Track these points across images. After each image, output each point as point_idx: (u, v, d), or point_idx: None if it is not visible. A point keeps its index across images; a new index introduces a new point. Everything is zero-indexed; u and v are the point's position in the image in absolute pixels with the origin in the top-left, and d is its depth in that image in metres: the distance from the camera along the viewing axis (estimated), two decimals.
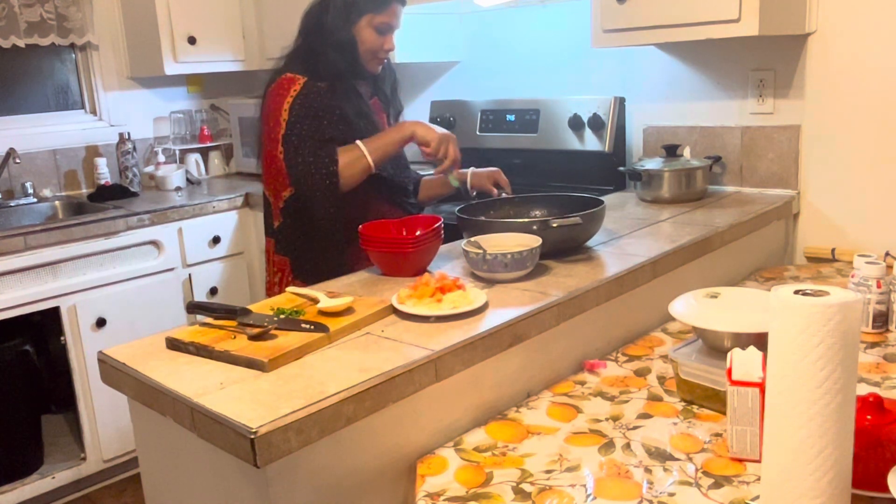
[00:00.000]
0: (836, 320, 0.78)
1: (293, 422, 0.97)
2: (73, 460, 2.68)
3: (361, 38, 1.84)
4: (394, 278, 1.55)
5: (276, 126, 1.78)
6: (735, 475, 1.02)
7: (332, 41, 1.82)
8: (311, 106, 1.77)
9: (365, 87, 1.96)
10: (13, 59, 3.10)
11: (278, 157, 1.78)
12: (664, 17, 1.97)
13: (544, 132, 2.60)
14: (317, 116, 1.77)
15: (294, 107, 1.77)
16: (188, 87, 3.58)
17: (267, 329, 1.20)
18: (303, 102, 1.77)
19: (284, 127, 1.76)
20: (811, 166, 2.15)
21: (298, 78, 1.79)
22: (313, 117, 1.76)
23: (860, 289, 1.50)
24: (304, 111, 1.76)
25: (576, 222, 1.56)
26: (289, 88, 1.78)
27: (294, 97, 1.77)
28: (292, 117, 1.76)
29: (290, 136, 1.76)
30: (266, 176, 1.87)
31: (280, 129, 1.77)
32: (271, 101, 1.80)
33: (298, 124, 1.76)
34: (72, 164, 3.23)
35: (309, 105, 1.77)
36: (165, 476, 1.25)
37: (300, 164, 1.75)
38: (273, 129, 1.78)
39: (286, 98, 1.77)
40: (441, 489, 1.03)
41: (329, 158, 1.74)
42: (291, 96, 1.77)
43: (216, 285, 2.96)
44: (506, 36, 2.84)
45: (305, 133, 1.75)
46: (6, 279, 2.45)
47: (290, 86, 1.79)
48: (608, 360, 1.45)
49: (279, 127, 1.77)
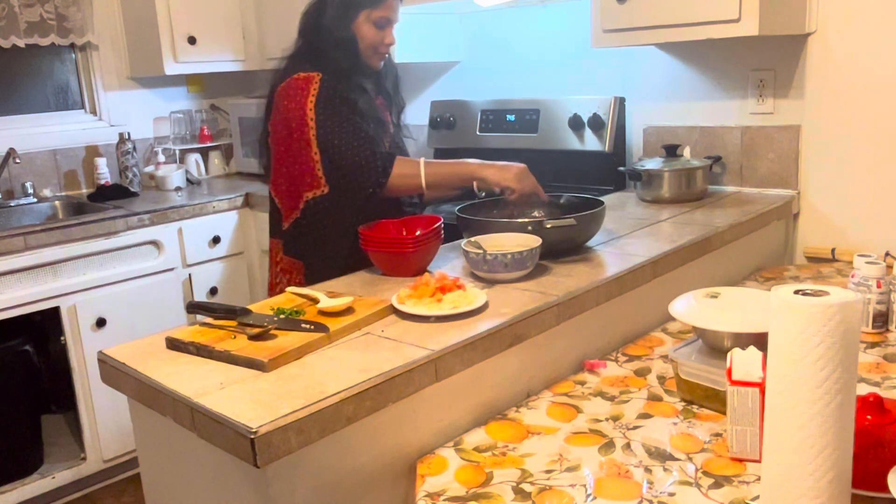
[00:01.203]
0: (836, 320, 0.78)
1: (293, 422, 0.97)
2: (73, 460, 2.68)
3: (361, 34, 1.83)
4: (394, 278, 1.55)
5: (304, 127, 1.74)
6: (735, 475, 1.02)
7: (332, 39, 1.81)
8: (338, 103, 1.75)
9: (369, 85, 1.95)
10: (13, 59, 3.10)
11: (312, 159, 1.75)
12: (664, 17, 1.97)
13: (544, 132, 2.60)
14: (348, 113, 1.74)
15: (319, 105, 1.74)
16: (188, 87, 3.58)
17: (267, 329, 1.20)
18: (328, 100, 1.74)
19: (315, 127, 1.73)
20: (811, 166, 2.15)
21: (313, 76, 1.76)
22: (346, 116, 1.74)
23: (860, 289, 1.50)
24: (332, 108, 1.74)
25: (570, 223, 1.57)
26: (307, 88, 1.75)
27: (316, 96, 1.74)
28: (322, 116, 1.73)
29: (328, 137, 1.73)
30: (277, 177, 1.85)
31: (309, 129, 1.74)
32: (289, 103, 1.76)
33: (331, 122, 1.73)
34: (72, 164, 3.23)
35: (336, 103, 1.74)
36: (165, 476, 1.25)
37: (352, 163, 1.72)
38: (298, 129, 1.75)
39: (308, 97, 1.74)
40: (441, 489, 1.03)
41: (387, 162, 1.73)
42: (313, 95, 1.74)
43: (216, 285, 2.96)
44: (506, 36, 2.84)
45: (349, 132, 1.73)
46: (6, 279, 2.45)
47: (308, 85, 1.75)
48: (608, 360, 1.45)
49: (307, 128, 1.74)
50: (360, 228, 1.60)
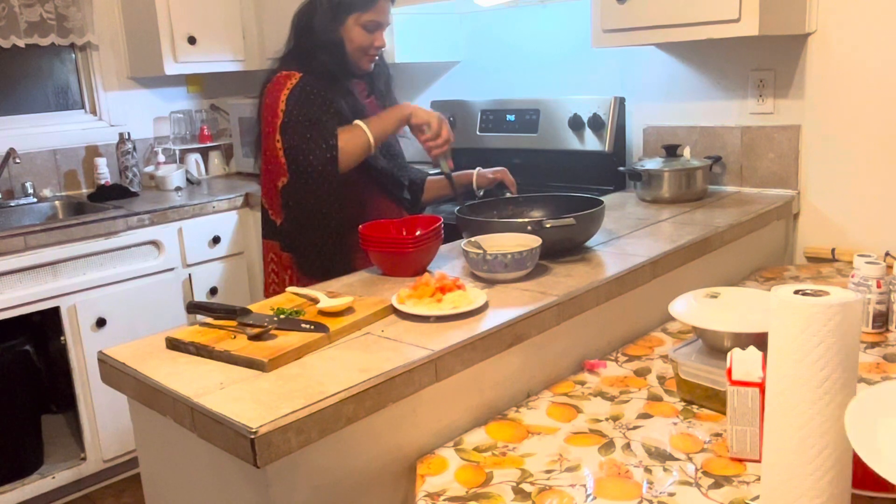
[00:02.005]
0: (836, 320, 0.78)
1: (293, 422, 0.97)
2: (73, 460, 2.68)
3: (350, 36, 1.84)
4: (394, 278, 1.55)
5: (275, 118, 1.78)
6: (735, 475, 1.02)
7: (320, 42, 1.84)
8: (309, 95, 1.78)
9: (360, 86, 1.96)
10: (13, 59, 3.10)
11: (276, 147, 1.78)
12: (664, 17, 1.97)
13: (544, 132, 2.60)
14: (314, 104, 1.78)
15: (291, 97, 1.78)
16: (188, 87, 3.58)
17: (267, 329, 1.20)
18: (300, 92, 1.78)
19: (282, 116, 1.77)
20: (811, 166, 2.15)
21: (294, 74, 1.81)
22: (311, 104, 1.77)
23: (860, 289, 1.50)
24: (301, 98, 1.77)
25: (569, 223, 1.56)
26: (285, 83, 1.80)
27: (290, 89, 1.78)
28: (289, 106, 1.77)
29: (288, 123, 1.77)
30: (264, 174, 1.87)
31: (278, 119, 1.78)
32: (269, 98, 1.81)
33: (296, 111, 1.76)
34: (72, 164, 3.23)
35: (306, 94, 1.78)
36: (165, 476, 1.25)
37: (299, 143, 1.75)
38: (271, 122, 1.79)
39: (283, 91, 1.79)
40: (441, 489, 1.03)
41: (329, 133, 1.75)
42: (288, 88, 1.79)
43: (216, 285, 2.96)
44: (506, 36, 2.84)
45: (303, 117, 1.76)
46: (6, 279, 2.45)
47: (287, 81, 1.80)
48: (608, 360, 1.45)
49: (277, 118, 1.78)
50: (360, 228, 1.60)
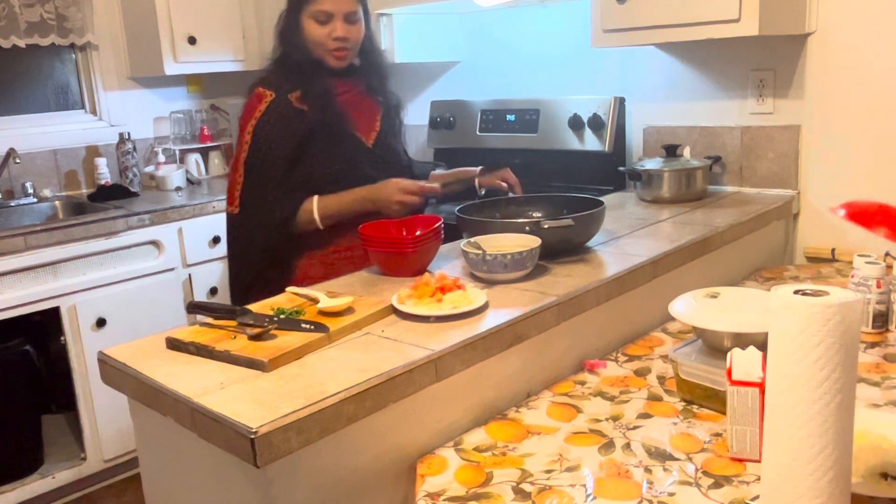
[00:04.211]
0: (836, 320, 0.78)
1: (293, 422, 0.97)
2: (73, 460, 2.68)
3: (306, 33, 1.81)
4: (394, 278, 1.55)
5: (240, 146, 1.80)
6: (735, 475, 1.02)
7: (289, 45, 1.84)
8: (271, 132, 1.77)
9: (352, 84, 1.91)
10: (13, 59, 3.10)
11: (236, 179, 1.80)
12: (664, 17, 1.97)
13: (544, 132, 2.60)
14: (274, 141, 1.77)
15: (257, 130, 1.78)
16: (188, 87, 3.57)
17: (267, 329, 1.21)
18: (264, 126, 1.77)
19: (247, 150, 1.78)
20: (811, 166, 2.15)
21: (266, 94, 1.79)
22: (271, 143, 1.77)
23: (860, 289, 1.50)
24: (264, 135, 1.77)
25: (568, 224, 1.56)
26: (255, 107, 1.79)
27: (258, 118, 1.77)
28: (254, 141, 1.78)
29: (252, 166, 1.78)
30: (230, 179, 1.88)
31: (242, 151, 1.79)
32: (243, 116, 1.82)
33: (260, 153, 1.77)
34: (72, 164, 3.23)
35: (269, 129, 1.77)
36: (165, 476, 1.26)
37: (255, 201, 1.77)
38: (240, 145, 1.80)
39: (250, 120, 1.78)
40: (441, 489, 1.03)
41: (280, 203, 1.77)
42: (255, 118, 1.78)
43: (216, 285, 2.96)
44: (506, 36, 2.84)
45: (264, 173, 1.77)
46: (6, 279, 2.45)
47: (257, 104, 1.79)
48: (608, 360, 1.45)
49: (241, 149, 1.79)
50: (361, 228, 1.60)
